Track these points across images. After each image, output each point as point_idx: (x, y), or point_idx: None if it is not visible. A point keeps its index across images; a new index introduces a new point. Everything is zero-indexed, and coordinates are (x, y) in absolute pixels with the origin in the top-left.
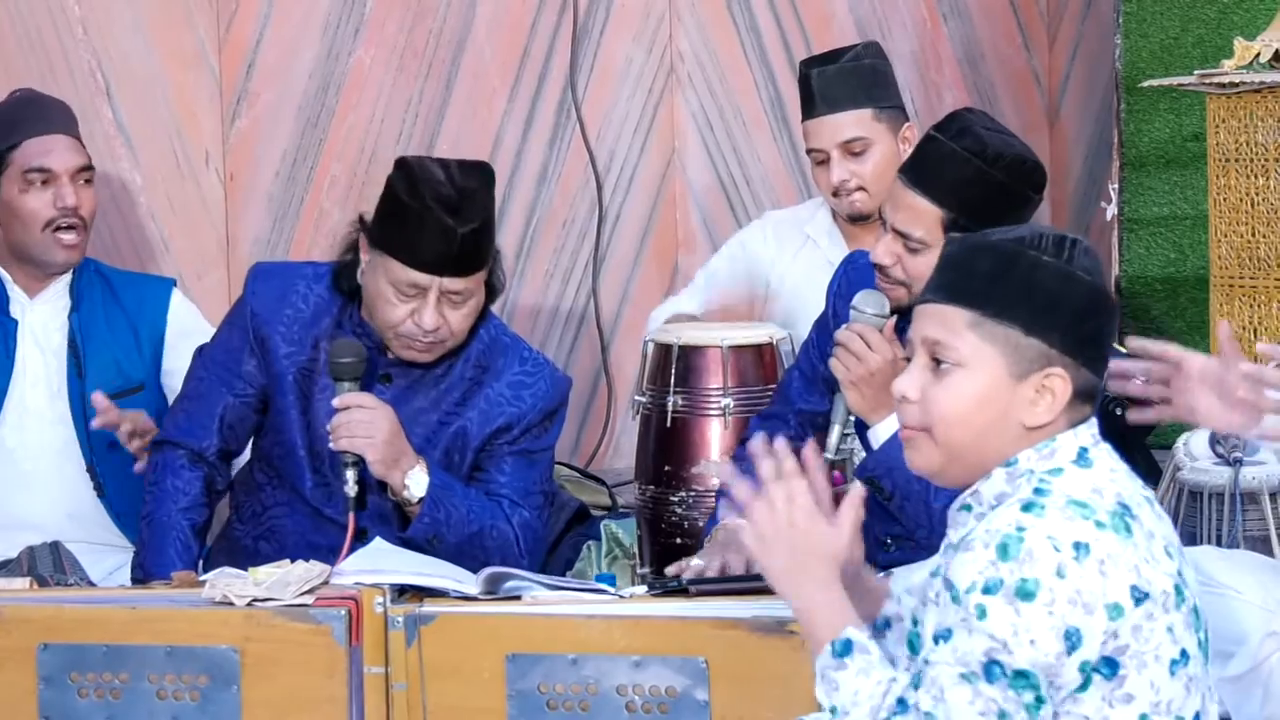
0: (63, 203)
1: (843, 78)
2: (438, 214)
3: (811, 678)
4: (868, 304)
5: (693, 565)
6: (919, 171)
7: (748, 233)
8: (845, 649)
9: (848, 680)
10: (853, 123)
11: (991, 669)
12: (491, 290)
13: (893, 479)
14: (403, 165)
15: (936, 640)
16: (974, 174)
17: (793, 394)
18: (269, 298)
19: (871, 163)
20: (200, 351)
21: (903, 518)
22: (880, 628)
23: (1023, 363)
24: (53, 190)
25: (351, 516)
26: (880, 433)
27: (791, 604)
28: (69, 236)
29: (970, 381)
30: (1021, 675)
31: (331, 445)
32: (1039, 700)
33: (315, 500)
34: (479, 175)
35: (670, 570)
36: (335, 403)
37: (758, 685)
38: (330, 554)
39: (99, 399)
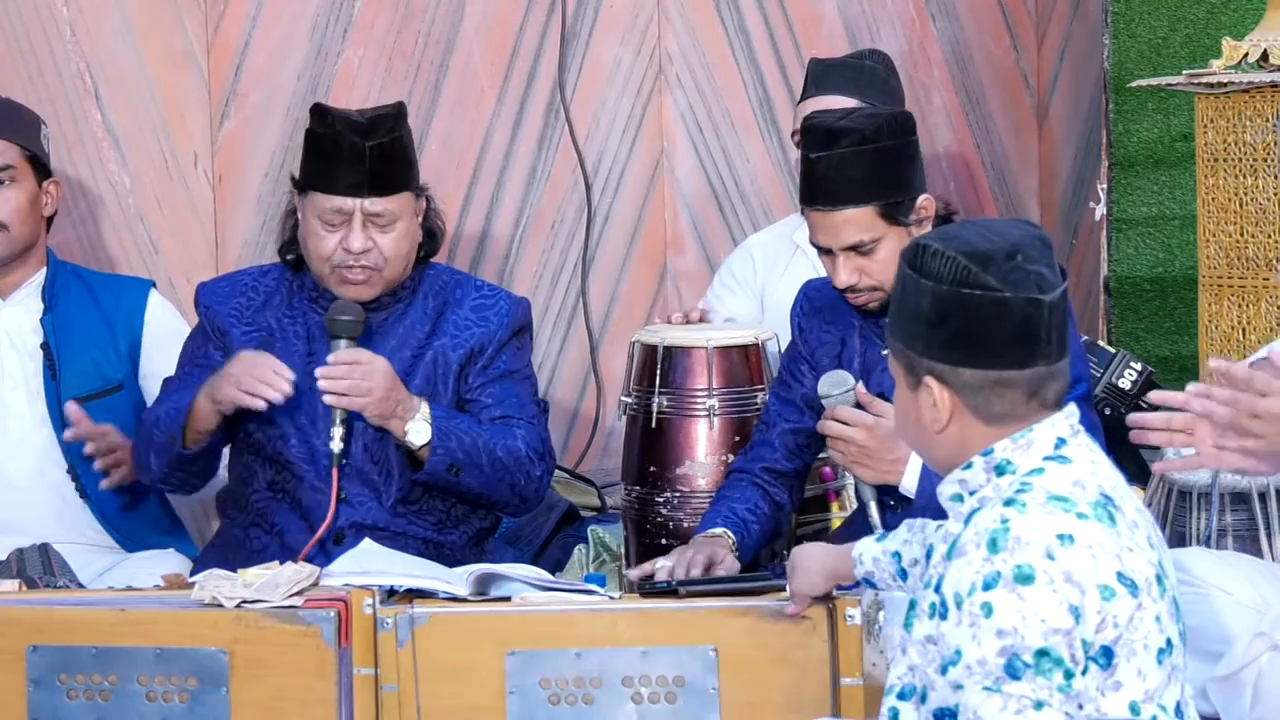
0: None
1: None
2: (348, 136)
3: (821, 663)
4: (831, 387)
5: (660, 565)
6: (830, 194)
7: (733, 261)
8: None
9: None
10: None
11: (1012, 665)
12: (431, 236)
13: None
14: (316, 108)
15: (945, 669)
16: (872, 158)
17: (773, 418)
18: (220, 295)
19: None
20: (166, 380)
21: None
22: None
23: (911, 375)
24: None
25: (335, 471)
26: (908, 484)
27: None
28: None
29: (898, 398)
30: (1043, 654)
31: (325, 400)
32: (1068, 676)
33: (299, 462)
34: (390, 107)
35: (633, 573)
36: (330, 359)
37: (768, 671)
38: (314, 518)
39: (72, 409)
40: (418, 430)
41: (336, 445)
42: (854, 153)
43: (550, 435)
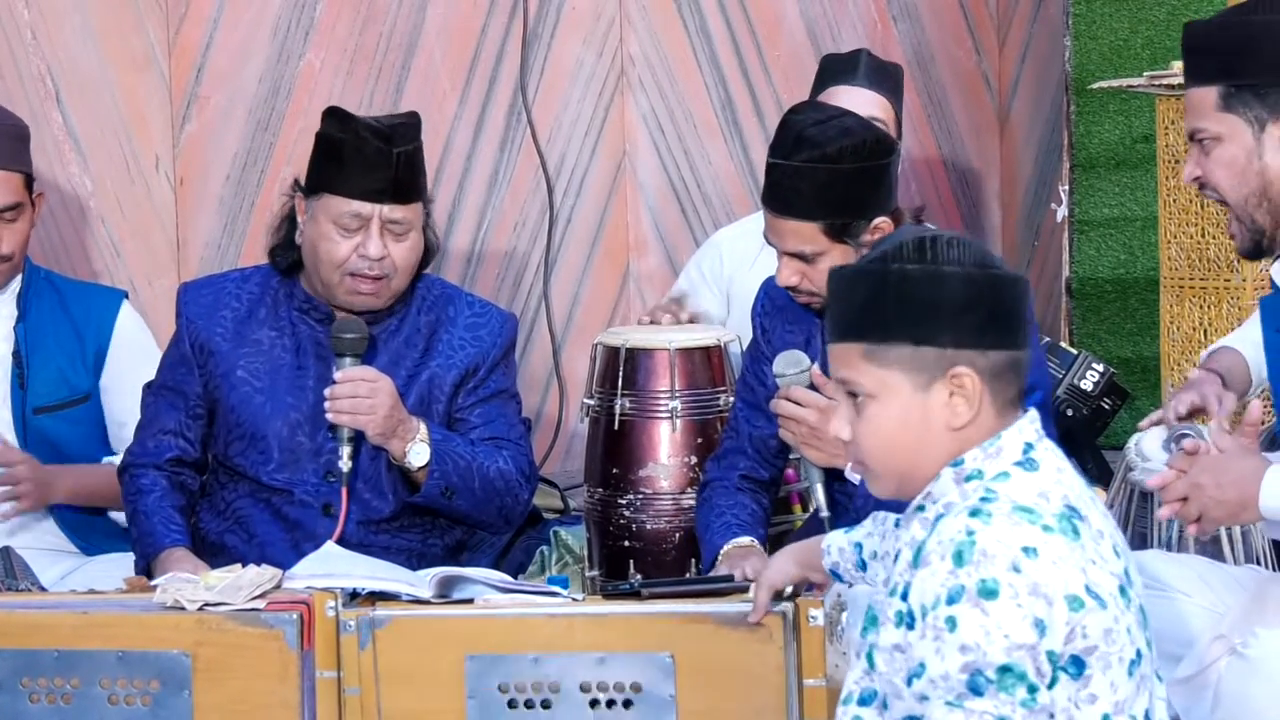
0: None
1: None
2: (372, 142)
3: (777, 670)
4: (786, 366)
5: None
6: (779, 200)
7: (701, 256)
8: None
9: None
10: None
11: (975, 681)
12: (427, 248)
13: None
14: (332, 111)
15: (910, 680)
16: (826, 178)
17: (741, 424)
18: (203, 307)
19: None
20: (148, 386)
21: None
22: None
23: (924, 374)
24: None
25: (345, 491)
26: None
27: None
28: None
29: (883, 409)
30: (1005, 671)
31: (330, 419)
32: (1032, 691)
33: (277, 484)
34: (405, 115)
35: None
36: (337, 376)
37: (724, 679)
38: (299, 532)
39: None
40: (417, 452)
41: (345, 464)
42: (809, 169)
43: (534, 454)
